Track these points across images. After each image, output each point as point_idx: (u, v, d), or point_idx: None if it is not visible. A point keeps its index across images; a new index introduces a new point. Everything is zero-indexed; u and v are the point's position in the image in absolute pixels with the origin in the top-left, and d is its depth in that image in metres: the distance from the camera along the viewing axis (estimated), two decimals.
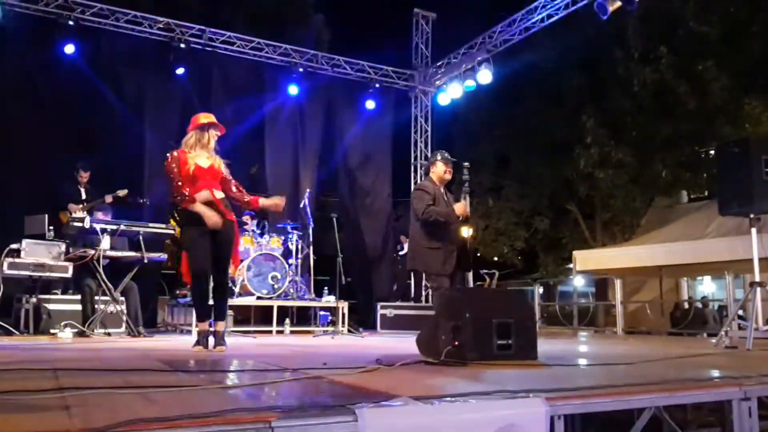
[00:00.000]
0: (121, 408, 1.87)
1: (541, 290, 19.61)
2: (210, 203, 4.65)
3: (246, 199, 4.96)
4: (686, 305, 13.98)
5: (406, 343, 5.16)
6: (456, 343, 4.00)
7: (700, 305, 14.22)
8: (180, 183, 4.60)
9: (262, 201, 5.08)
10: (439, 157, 5.45)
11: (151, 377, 2.70)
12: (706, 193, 13.98)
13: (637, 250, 11.88)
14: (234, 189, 4.90)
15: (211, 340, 4.73)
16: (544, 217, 16.33)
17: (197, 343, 4.71)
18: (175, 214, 6.03)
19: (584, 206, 15.99)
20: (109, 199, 7.55)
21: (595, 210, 15.85)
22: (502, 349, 4.00)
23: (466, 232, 9.06)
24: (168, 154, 4.75)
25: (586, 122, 12.95)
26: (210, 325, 4.79)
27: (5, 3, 8.59)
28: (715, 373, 3.32)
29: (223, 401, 2.06)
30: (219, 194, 4.77)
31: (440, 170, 5.38)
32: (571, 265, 13.42)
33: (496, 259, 17.33)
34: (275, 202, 5.14)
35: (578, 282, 17.90)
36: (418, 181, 9.67)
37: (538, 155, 14.86)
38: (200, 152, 4.74)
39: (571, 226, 16.61)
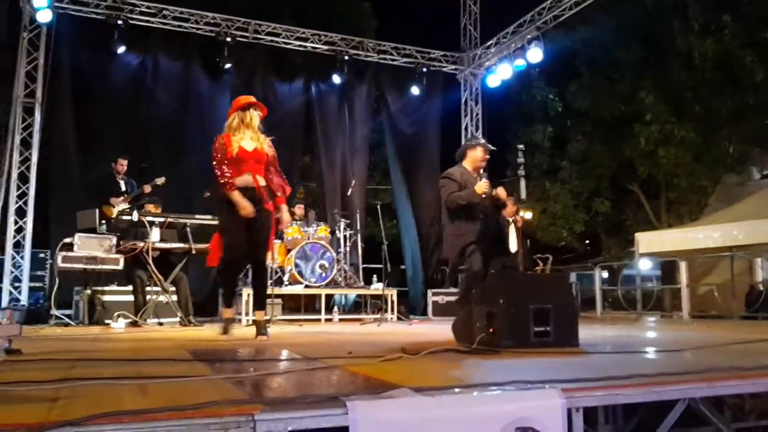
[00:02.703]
0: (109, 400, 1.84)
1: (605, 274, 18.97)
2: (249, 189, 4.60)
3: (278, 193, 4.82)
4: (761, 287, 13.21)
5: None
6: (490, 330, 3.86)
7: None
8: (224, 167, 4.57)
9: (281, 212, 4.88)
10: (478, 142, 5.25)
11: (166, 367, 2.68)
12: None
13: (704, 231, 11.28)
14: (273, 175, 4.81)
15: (252, 329, 4.74)
16: (604, 199, 15.76)
17: (224, 331, 4.71)
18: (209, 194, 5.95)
19: (648, 186, 15.34)
20: (147, 189, 7.71)
21: (659, 190, 15.18)
22: (539, 336, 3.83)
23: (522, 215, 8.81)
24: (215, 138, 4.74)
25: (645, 98, 12.36)
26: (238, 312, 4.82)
27: (57, 7, 8.88)
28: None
29: (218, 392, 2.00)
30: (262, 181, 4.69)
31: (478, 156, 5.16)
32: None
33: (563, 244, 16.87)
34: (286, 218, 4.99)
35: (645, 265, 17.21)
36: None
37: (596, 135, 14.33)
38: (245, 133, 4.68)
39: (634, 207, 15.99)
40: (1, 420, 1.55)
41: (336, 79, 10.74)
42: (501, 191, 5.13)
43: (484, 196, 4.95)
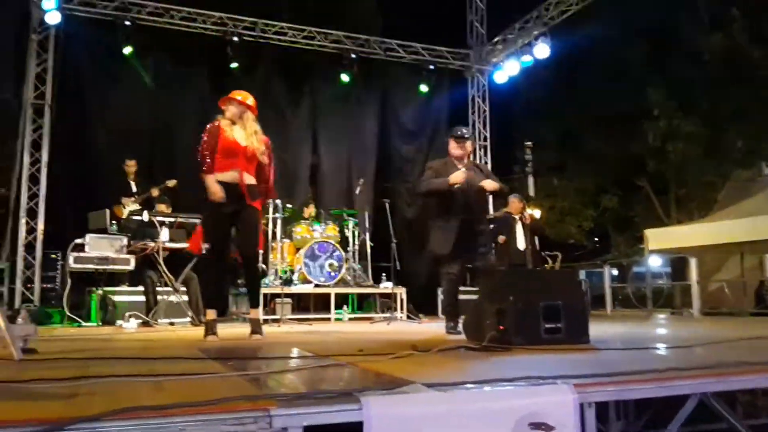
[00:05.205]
0: (126, 396, 1.86)
1: (615, 272, 18.85)
2: (233, 185, 4.49)
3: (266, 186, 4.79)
4: None
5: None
6: (501, 327, 3.87)
7: None
8: (207, 154, 4.44)
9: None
10: (450, 134, 5.24)
11: (179, 365, 2.71)
12: None
13: (713, 227, 11.17)
14: (263, 180, 4.73)
15: (247, 327, 4.75)
16: (612, 195, 15.70)
17: (207, 333, 4.52)
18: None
19: (656, 182, 15.26)
20: (155, 192, 7.75)
21: (668, 185, 15.11)
22: (550, 332, 3.84)
23: (530, 212, 8.77)
24: (209, 125, 4.63)
25: (652, 94, 12.30)
26: (222, 314, 4.82)
27: (65, 8, 8.93)
28: None
29: (231, 389, 2.02)
30: (249, 179, 4.60)
31: (452, 147, 5.15)
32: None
33: (572, 241, 16.79)
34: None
35: (654, 262, 17.16)
36: (477, 162, 9.44)
37: (603, 130, 14.27)
38: (239, 127, 4.57)
39: (642, 203, 15.91)
40: (22, 416, 1.57)
41: (342, 77, 10.75)
42: (487, 184, 5.10)
43: (456, 186, 4.88)
